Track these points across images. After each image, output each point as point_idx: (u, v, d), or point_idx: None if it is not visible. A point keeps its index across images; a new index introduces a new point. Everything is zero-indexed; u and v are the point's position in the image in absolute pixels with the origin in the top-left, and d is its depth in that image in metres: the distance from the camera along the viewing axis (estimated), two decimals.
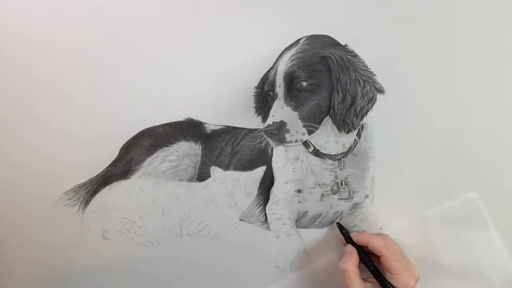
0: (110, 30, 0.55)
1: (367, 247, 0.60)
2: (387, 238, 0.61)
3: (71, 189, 0.62)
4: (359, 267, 0.59)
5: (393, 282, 0.56)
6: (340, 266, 0.59)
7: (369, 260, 0.60)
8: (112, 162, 0.62)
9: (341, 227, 0.63)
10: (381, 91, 0.61)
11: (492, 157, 0.62)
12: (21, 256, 0.65)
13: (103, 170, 0.62)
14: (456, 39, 0.58)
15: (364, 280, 0.58)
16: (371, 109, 0.62)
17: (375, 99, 0.61)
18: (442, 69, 0.60)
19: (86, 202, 0.63)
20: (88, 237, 0.64)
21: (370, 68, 0.60)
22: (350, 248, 0.61)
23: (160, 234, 0.65)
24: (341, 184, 0.65)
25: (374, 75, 0.60)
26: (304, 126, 0.61)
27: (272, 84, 0.60)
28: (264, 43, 0.58)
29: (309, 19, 0.57)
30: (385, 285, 0.56)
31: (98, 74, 0.56)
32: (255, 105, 0.62)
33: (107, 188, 0.63)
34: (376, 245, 0.58)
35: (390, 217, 0.65)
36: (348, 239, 0.62)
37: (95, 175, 0.62)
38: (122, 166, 0.62)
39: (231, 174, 0.64)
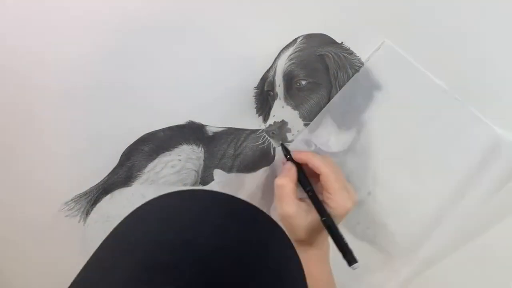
0: (108, 33, 0.54)
1: (306, 165, 0.56)
2: (327, 159, 0.58)
3: (72, 199, 0.61)
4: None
5: (330, 202, 0.53)
6: (276, 181, 0.55)
7: (308, 182, 0.56)
8: (113, 169, 0.60)
9: (285, 149, 0.60)
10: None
11: None
12: (21, 269, 0.62)
13: (104, 178, 0.60)
14: (454, 36, 0.59)
15: (300, 199, 0.56)
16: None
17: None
18: (440, 64, 0.61)
19: (87, 212, 0.61)
20: (91, 248, 0.62)
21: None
22: (289, 165, 0.57)
23: None
24: None
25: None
26: (305, 125, 0.61)
27: (272, 84, 0.60)
28: (262, 43, 0.58)
29: (306, 18, 0.58)
30: (321, 209, 0.54)
31: (97, 78, 0.56)
32: (255, 105, 0.62)
33: (108, 196, 0.61)
34: (316, 162, 0.55)
35: (392, 214, 0.66)
36: (289, 160, 0.59)
37: (95, 183, 0.61)
38: (123, 173, 0.61)
39: (235, 176, 0.64)
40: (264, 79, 0.60)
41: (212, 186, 0.63)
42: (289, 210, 0.54)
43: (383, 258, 0.67)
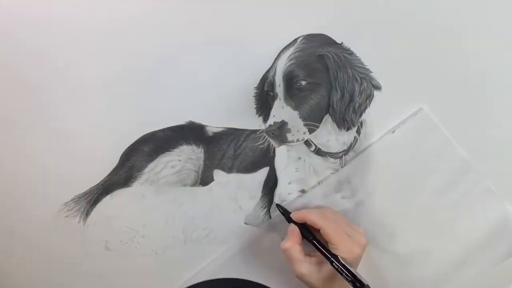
0: (107, 34, 0.54)
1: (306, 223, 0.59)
2: (326, 211, 0.61)
3: (71, 200, 0.60)
4: (303, 244, 0.59)
5: (336, 252, 0.55)
6: (281, 246, 0.58)
7: (310, 234, 0.59)
8: (113, 169, 0.60)
9: (281, 208, 0.63)
10: (378, 87, 0.62)
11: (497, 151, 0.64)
12: (21, 271, 0.62)
13: (104, 179, 0.60)
14: (452, 34, 0.60)
15: (309, 255, 0.58)
16: (369, 105, 0.63)
17: (373, 95, 0.62)
18: (437, 63, 0.61)
19: (87, 213, 0.61)
20: (90, 249, 0.62)
21: (366, 65, 0.61)
22: (292, 226, 0.60)
23: (164, 242, 0.64)
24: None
25: (371, 72, 0.61)
26: (305, 125, 0.61)
27: (272, 84, 0.60)
28: (262, 43, 0.58)
29: (306, 18, 0.58)
30: (326, 255, 0.56)
31: (97, 79, 0.55)
32: (255, 105, 0.61)
33: (108, 197, 0.61)
34: (312, 219, 0.57)
35: (393, 214, 0.65)
36: (289, 219, 0.61)
37: (95, 184, 0.60)
38: (123, 174, 0.61)
39: (235, 176, 0.63)
40: (264, 79, 0.60)
41: (212, 187, 0.63)
42: (301, 270, 0.56)
43: (383, 259, 0.67)
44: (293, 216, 0.61)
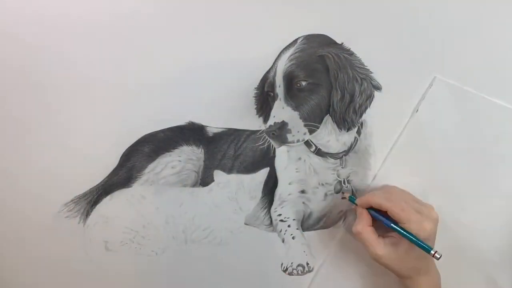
0: (107, 34, 0.54)
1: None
2: (390, 190, 0.60)
3: (71, 200, 0.60)
4: (376, 225, 0.58)
5: (408, 229, 0.54)
6: (353, 231, 0.58)
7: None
8: (113, 170, 0.60)
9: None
10: (378, 88, 0.62)
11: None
12: (20, 272, 0.62)
13: (104, 179, 0.60)
14: (451, 35, 0.60)
15: (383, 236, 0.58)
16: (369, 106, 0.63)
17: (373, 96, 0.62)
18: (436, 64, 0.61)
19: (87, 213, 0.61)
20: (90, 250, 0.62)
21: (366, 66, 0.61)
22: (359, 209, 0.60)
23: (164, 243, 0.64)
24: (344, 183, 0.65)
25: (371, 72, 0.61)
26: (305, 125, 0.61)
27: (272, 85, 0.60)
28: (262, 44, 0.58)
29: (306, 19, 0.58)
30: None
31: (98, 79, 0.56)
32: (256, 106, 0.61)
33: (108, 197, 0.61)
34: (377, 202, 0.57)
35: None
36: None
37: (95, 184, 0.60)
38: (123, 174, 0.61)
39: (235, 177, 0.63)
40: (264, 79, 0.60)
41: (212, 187, 0.63)
42: (376, 252, 0.56)
43: None
44: (358, 202, 0.60)
